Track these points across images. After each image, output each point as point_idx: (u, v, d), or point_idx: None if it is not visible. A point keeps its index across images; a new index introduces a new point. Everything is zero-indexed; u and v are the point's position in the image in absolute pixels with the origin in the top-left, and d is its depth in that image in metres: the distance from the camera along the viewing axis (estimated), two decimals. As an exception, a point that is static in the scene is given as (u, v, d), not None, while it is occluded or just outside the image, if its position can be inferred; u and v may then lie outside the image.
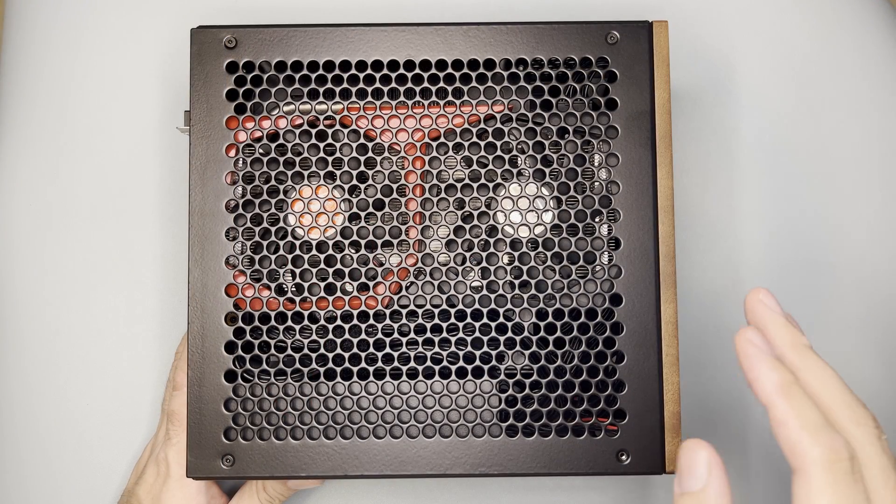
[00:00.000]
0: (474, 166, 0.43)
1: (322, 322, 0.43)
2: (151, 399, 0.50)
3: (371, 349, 0.42)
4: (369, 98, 0.43)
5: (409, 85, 0.43)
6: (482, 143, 0.43)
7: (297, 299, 0.43)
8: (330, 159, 0.43)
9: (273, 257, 0.43)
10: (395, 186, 0.43)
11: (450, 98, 0.43)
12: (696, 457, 0.33)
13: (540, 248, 0.43)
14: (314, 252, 0.43)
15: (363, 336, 0.42)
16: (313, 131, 0.43)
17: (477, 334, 0.42)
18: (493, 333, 0.42)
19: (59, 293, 0.51)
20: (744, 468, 0.50)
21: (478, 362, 0.42)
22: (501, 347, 0.42)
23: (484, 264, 0.43)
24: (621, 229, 0.42)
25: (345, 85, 0.43)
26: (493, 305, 0.43)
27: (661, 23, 0.43)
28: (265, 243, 0.43)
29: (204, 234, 0.43)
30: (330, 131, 0.43)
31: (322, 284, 0.43)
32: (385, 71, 0.43)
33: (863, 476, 0.31)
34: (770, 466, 0.50)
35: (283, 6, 0.52)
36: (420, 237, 0.43)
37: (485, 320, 0.42)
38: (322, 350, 0.43)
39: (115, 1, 0.52)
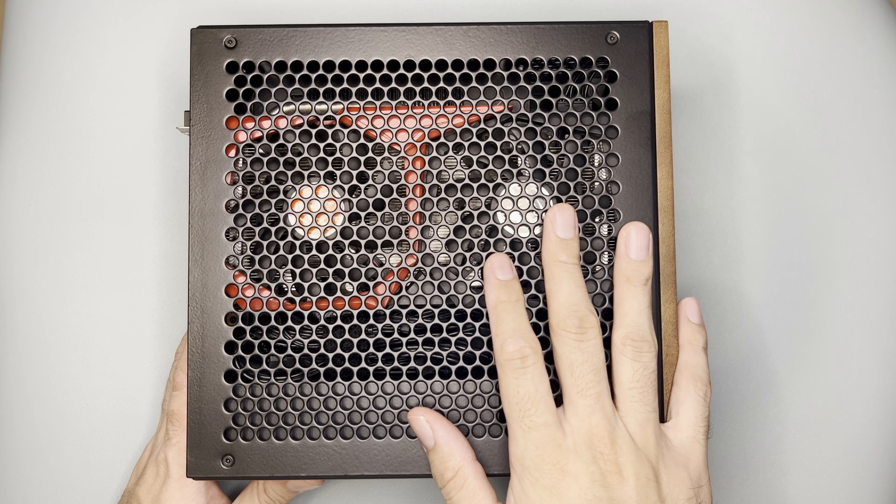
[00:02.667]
0: (474, 166, 0.43)
1: (322, 322, 0.43)
2: (151, 399, 0.50)
3: (371, 349, 0.42)
4: (369, 98, 0.43)
5: (409, 85, 0.43)
6: (482, 143, 0.43)
7: (297, 299, 0.43)
8: (330, 159, 0.43)
9: (273, 257, 0.43)
10: (395, 186, 0.43)
11: (450, 98, 0.43)
12: (418, 423, 0.42)
13: (540, 249, 0.43)
14: (314, 252, 0.43)
15: (363, 336, 0.42)
16: (313, 131, 0.43)
17: (477, 334, 0.42)
18: (493, 333, 0.42)
19: (58, 293, 0.51)
20: (742, 463, 0.50)
21: (478, 362, 0.42)
22: (501, 347, 0.42)
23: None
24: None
25: (345, 85, 0.43)
26: (493, 305, 0.43)
27: (661, 23, 0.43)
28: (265, 243, 0.43)
29: (204, 234, 0.43)
30: (330, 131, 0.43)
31: (322, 284, 0.43)
32: (385, 71, 0.43)
33: (557, 367, 0.41)
34: (770, 463, 0.50)
35: (283, 6, 0.52)
36: (420, 237, 0.43)
37: (485, 320, 0.42)
38: (322, 350, 0.43)
39: (115, 1, 0.52)
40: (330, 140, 0.43)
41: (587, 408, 0.39)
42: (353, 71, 0.43)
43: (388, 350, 0.42)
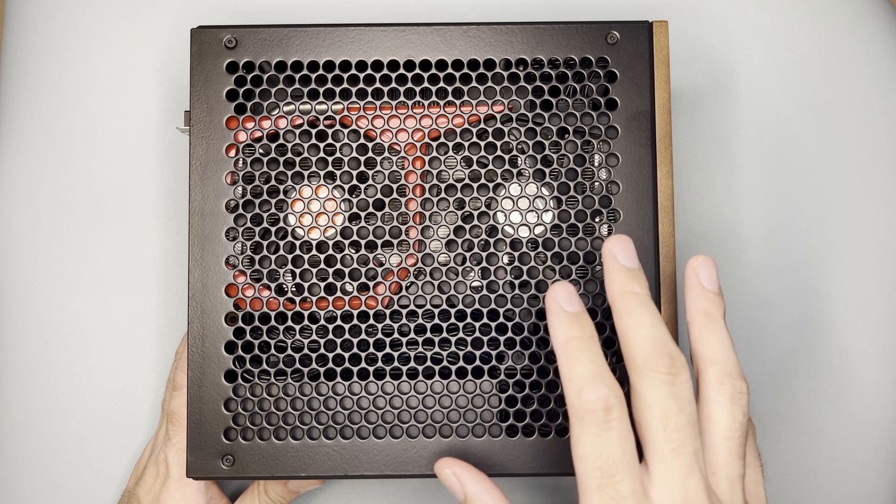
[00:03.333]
0: (474, 166, 0.43)
1: (322, 322, 0.43)
2: (151, 399, 0.50)
3: (371, 349, 0.42)
4: (369, 98, 0.43)
5: (409, 85, 0.43)
6: (482, 143, 0.43)
7: (297, 299, 0.43)
8: (330, 159, 0.43)
9: (273, 257, 0.43)
10: (395, 186, 0.43)
11: (450, 98, 0.43)
12: (445, 477, 0.38)
13: (540, 248, 0.43)
14: (314, 252, 0.43)
15: (363, 336, 0.42)
16: (313, 131, 0.43)
17: (477, 334, 0.42)
18: (493, 333, 0.42)
19: (58, 293, 0.51)
20: (744, 468, 0.50)
21: (478, 362, 0.42)
22: (501, 347, 0.42)
23: (484, 264, 0.43)
24: (621, 229, 0.42)
25: (345, 85, 0.43)
26: (493, 305, 0.43)
27: (661, 23, 0.43)
28: (265, 243, 0.43)
29: (204, 234, 0.43)
30: (330, 131, 0.43)
31: (322, 284, 0.43)
32: (385, 71, 0.43)
33: (643, 414, 0.34)
34: (770, 463, 0.50)
35: (283, 6, 0.52)
36: (420, 237, 0.43)
37: (485, 320, 0.42)
38: (322, 350, 0.43)
39: (115, 1, 0.52)
40: (330, 140, 0.43)
41: (683, 469, 0.33)
42: (353, 71, 0.43)
43: (388, 350, 0.42)
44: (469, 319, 0.43)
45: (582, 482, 0.34)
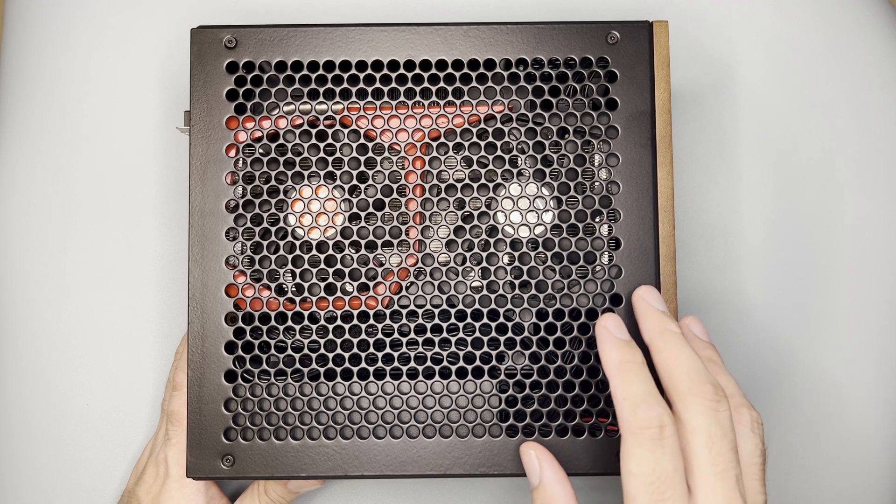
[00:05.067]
0: (474, 166, 0.43)
1: (322, 322, 0.43)
2: (151, 399, 0.50)
3: (371, 349, 0.42)
4: (369, 98, 0.43)
5: (409, 85, 0.43)
6: (482, 143, 0.43)
7: (297, 299, 0.43)
8: (330, 159, 0.43)
9: (273, 257, 0.43)
10: (395, 186, 0.43)
11: (450, 98, 0.43)
12: (528, 458, 0.40)
13: (540, 248, 0.43)
14: (314, 252, 0.43)
15: (363, 336, 0.42)
16: (313, 131, 0.43)
17: (477, 334, 0.42)
18: (494, 333, 0.42)
19: (58, 293, 0.51)
20: (744, 468, 0.50)
21: (478, 362, 0.42)
22: (501, 347, 0.42)
23: (484, 264, 0.43)
24: (621, 229, 0.42)
25: (345, 85, 0.43)
26: (493, 305, 0.43)
27: (661, 23, 0.43)
28: (265, 243, 0.43)
29: (204, 234, 0.43)
30: (330, 131, 0.43)
31: (322, 284, 0.43)
32: (385, 71, 0.43)
33: (688, 439, 0.35)
34: (770, 463, 0.50)
35: (283, 6, 0.52)
36: (420, 237, 0.43)
37: (485, 320, 0.42)
38: (322, 350, 0.43)
39: (115, 1, 0.52)
40: (330, 140, 0.43)
41: (728, 493, 0.34)
42: (353, 71, 0.43)
43: (388, 350, 0.42)
44: (469, 319, 0.42)
45: (631, 499, 0.35)
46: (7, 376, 0.51)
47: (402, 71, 0.43)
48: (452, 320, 0.42)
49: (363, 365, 0.42)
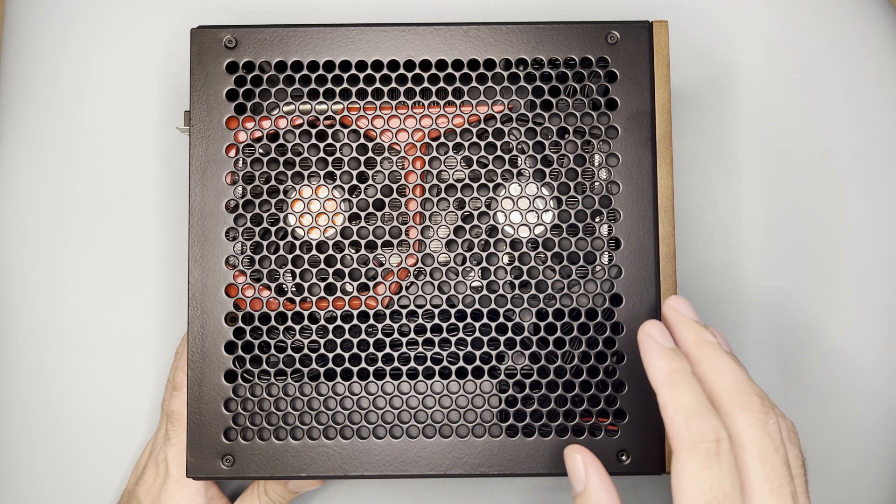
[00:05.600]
0: (474, 166, 0.43)
1: (322, 322, 0.43)
2: (151, 399, 0.50)
3: (371, 349, 0.42)
4: (369, 98, 0.43)
5: (409, 85, 0.43)
6: (482, 143, 0.43)
7: (297, 299, 0.43)
8: (330, 159, 0.43)
9: (273, 257, 0.43)
10: (395, 186, 0.43)
11: (450, 98, 0.43)
12: (573, 462, 0.37)
13: (540, 248, 0.43)
14: (314, 252, 0.43)
15: (363, 336, 0.42)
16: (313, 131, 0.43)
17: (477, 334, 0.42)
18: (493, 333, 0.42)
19: (58, 293, 0.51)
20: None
21: (478, 362, 0.42)
22: (501, 347, 0.42)
23: (484, 264, 0.43)
24: (621, 229, 0.42)
25: (345, 85, 0.43)
26: (493, 305, 0.43)
27: (661, 23, 0.43)
28: (265, 243, 0.43)
29: (204, 234, 0.43)
30: (330, 131, 0.43)
31: (322, 284, 0.43)
32: (385, 71, 0.43)
33: (737, 455, 0.33)
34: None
35: (283, 6, 0.52)
36: (420, 237, 0.43)
37: (485, 320, 0.42)
38: (322, 350, 0.43)
39: (115, 1, 0.52)
40: (330, 140, 0.43)
41: None
42: (353, 71, 0.43)
43: (388, 350, 0.42)
44: (469, 319, 0.42)
45: None
46: (7, 376, 0.51)
47: (402, 71, 0.43)
48: (452, 320, 0.42)
49: (363, 365, 0.42)
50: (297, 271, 0.43)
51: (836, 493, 0.50)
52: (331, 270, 0.43)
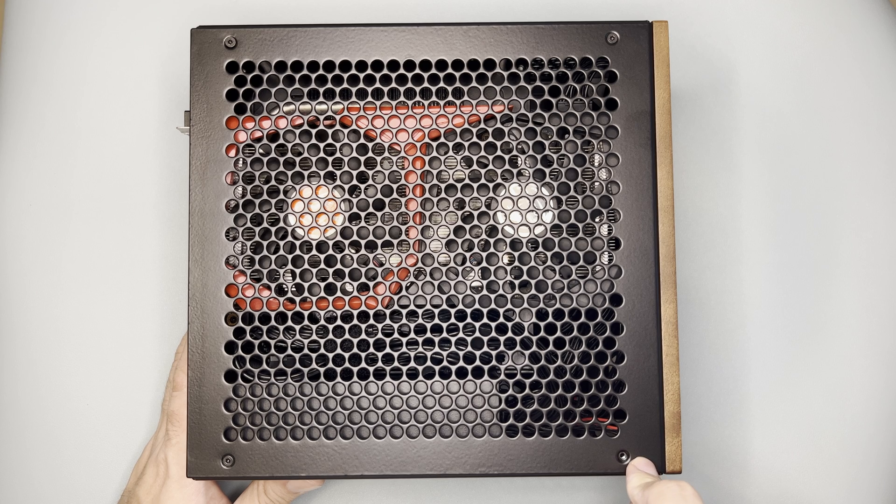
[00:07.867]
0: (474, 166, 0.43)
1: (322, 322, 0.43)
2: (151, 399, 0.50)
3: (371, 349, 0.42)
4: (369, 98, 0.43)
5: (409, 85, 0.43)
6: (482, 143, 0.43)
7: (297, 299, 0.43)
8: (330, 159, 0.43)
9: (273, 257, 0.43)
10: (395, 186, 0.43)
11: (450, 98, 0.43)
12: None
13: (540, 248, 0.43)
14: (314, 252, 0.43)
15: (363, 336, 0.42)
16: (313, 131, 0.43)
17: (477, 334, 0.42)
18: (493, 333, 0.42)
19: (59, 293, 0.51)
20: (742, 463, 0.50)
21: (478, 362, 0.42)
22: (501, 347, 0.42)
23: (484, 264, 0.43)
24: (621, 229, 0.42)
25: (345, 85, 0.43)
26: (493, 305, 0.43)
27: (661, 23, 0.43)
28: (265, 243, 0.43)
29: (204, 234, 0.43)
30: (330, 131, 0.43)
31: (322, 284, 0.43)
32: (385, 71, 0.43)
33: None
34: (771, 463, 0.50)
35: (283, 6, 0.52)
36: (420, 237, 0.43)
37: (485, 320, 0.42)
38: (322, 350, 0.43)
39: (115, 1, 0.52)
40: (330, 140, 0.43)
41: None
42: (353, 71, 0.43)
43: (388, 350, 0.42)
44: (469, 319, 0.42)
45: None
46: (7, 376, 0.51)
47: (402, 71, 0.43)
48: (452, 320, 0.42)
49: (363, 365, 0.42)
50: (297, 271, 0.43)
51: (836, 493, 0.50)
52: (331, 270, 0.43)
